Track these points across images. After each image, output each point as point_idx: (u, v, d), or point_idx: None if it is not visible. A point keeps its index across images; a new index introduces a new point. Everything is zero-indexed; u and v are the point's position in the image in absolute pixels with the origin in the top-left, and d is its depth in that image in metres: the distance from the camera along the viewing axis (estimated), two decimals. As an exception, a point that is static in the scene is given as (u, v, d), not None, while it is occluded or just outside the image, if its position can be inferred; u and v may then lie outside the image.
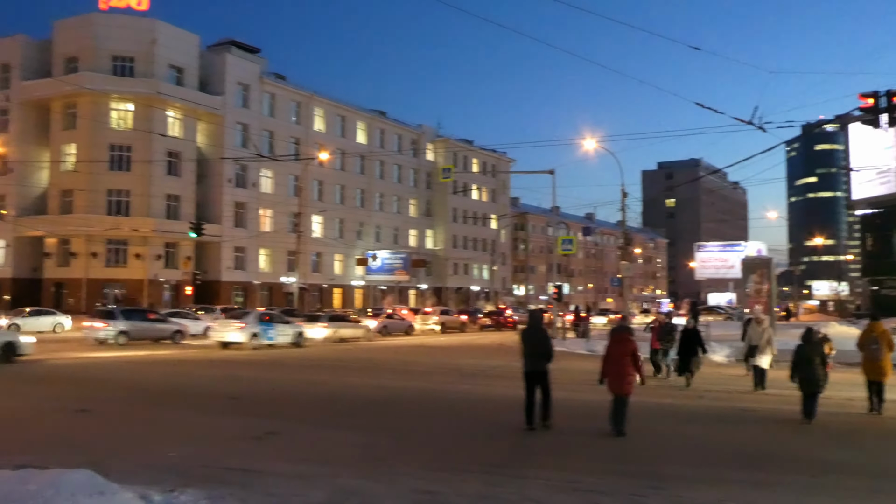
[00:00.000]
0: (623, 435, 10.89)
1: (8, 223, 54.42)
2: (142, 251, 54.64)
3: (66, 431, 10.89)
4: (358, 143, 74.08)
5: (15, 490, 6.31)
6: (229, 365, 22.35)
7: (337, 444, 10.22)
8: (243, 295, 61.15)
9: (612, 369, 11.28)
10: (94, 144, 54.13)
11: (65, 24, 57.12)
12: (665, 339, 19.69)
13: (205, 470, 8.24)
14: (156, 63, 56.16)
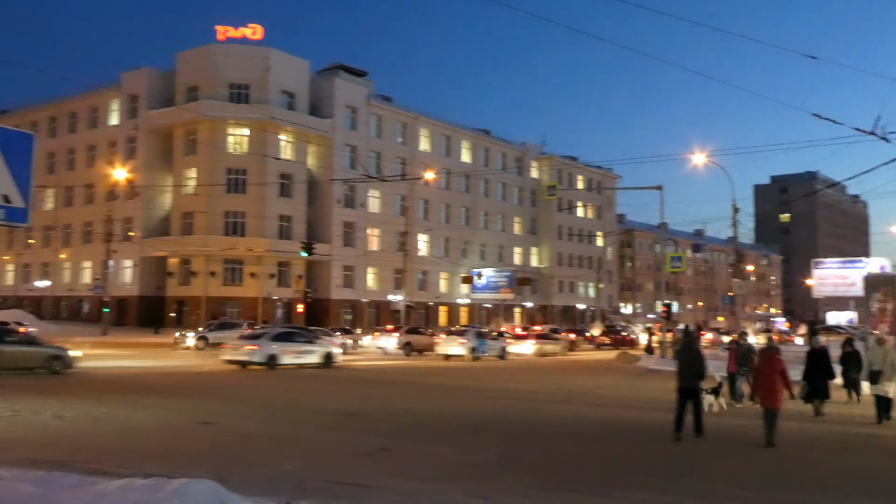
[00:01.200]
0: (773, 445, 11.75)
1: (135, 244, 57.83)
2: (256, 270, 56.79)
3: (191, 442, 11.55)
4: (463, 162, 74.93)
5: (145, 497, 6.71)
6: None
7: (447, 460, 10.42)
8: (352, 313, 62.63)
9: (763, 385, 12.55)
10: (213, 168, 56.78)
11: (186, 56, 60.34)
12: (742, 362, 18.10)
13: (318, 483, 8.56)
14: (269, 89, 58.53)
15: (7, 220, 5.74)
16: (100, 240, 54.18)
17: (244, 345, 27.71)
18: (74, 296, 63.82)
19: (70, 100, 67.01)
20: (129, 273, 60.76)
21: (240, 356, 27.15)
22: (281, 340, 28.22)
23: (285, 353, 27.61)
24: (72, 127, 67.48)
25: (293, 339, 29.15)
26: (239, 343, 28.25)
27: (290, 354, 27.73)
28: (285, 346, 27.86)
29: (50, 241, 66.42)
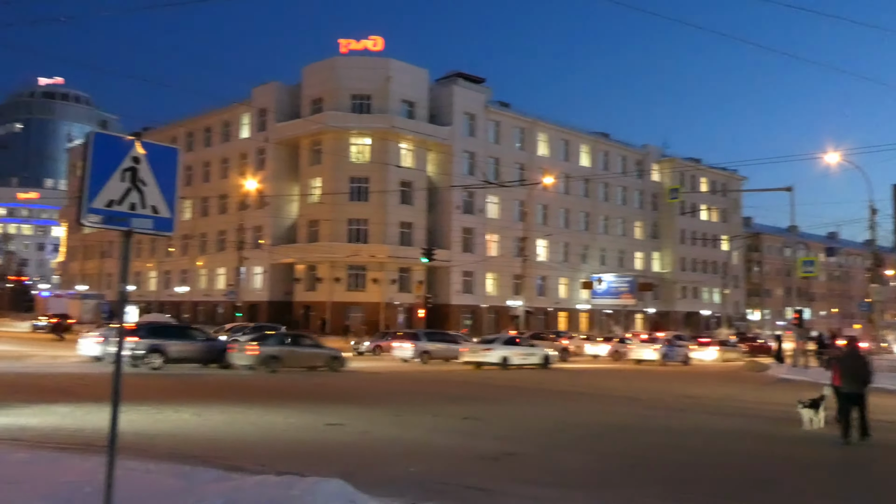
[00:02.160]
0: None
1: (265, 252, 60.38)
2: (378, 276, 58.05)
3: (324, 443, 11.97)
4: (582, 167, 74.19)
5: (280, 494, 7.03)
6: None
7: (573, 469, 10.40)
8: (472, 318, 63.06)
9: None
10: (337, 177, 58.49)
11: (311, 69, 62.52)
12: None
13: (443, 486, 8.67)
14: (390, 99, 59.79)
15: (155, 229, 6.20)
16: (233, 248, 56.85)
17: (481, 349, 33.26)
18: (210, 300, 67.12)
19: (205, 116, 70.88)
20: (259, 279, 63.34)
21: (478, 358, 32.52)
22: (510, 345, 34.02)
23: (515, 355, 33.03)
24: (207, 141, 71.16)
25: (519, 343, 35.02)
26: (477, 347, 33.85)
27: (518, 356, 33.13)
28: (514, 350, 33.46)
29: (188, 250, 70.23)
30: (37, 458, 8.57)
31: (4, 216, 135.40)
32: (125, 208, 5.95)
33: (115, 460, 5.98)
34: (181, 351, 26.52)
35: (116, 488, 5.89)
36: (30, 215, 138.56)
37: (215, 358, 26.93)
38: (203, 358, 26.93)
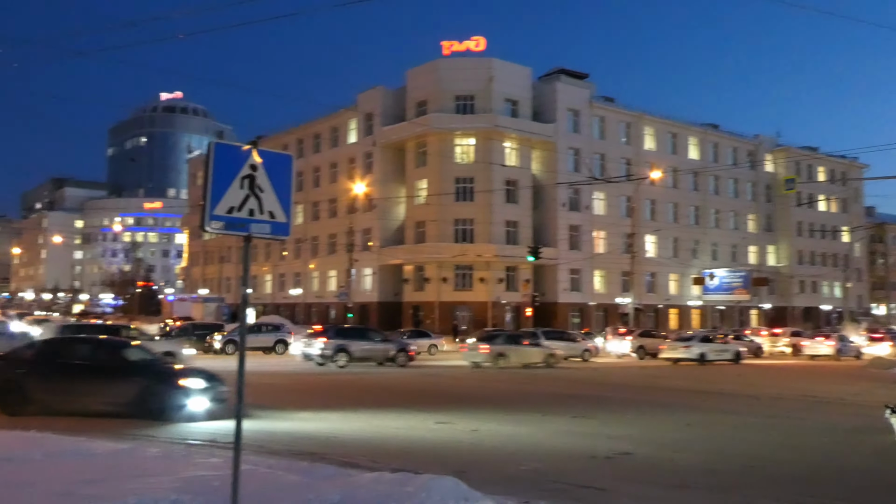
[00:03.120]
0: None
1: (373, 253, 61.54)
2: (485, 275, 58.18)
3: (430, 441, 12.24)
4: (690, 159, 72.24)
5: (394, 491, 7.21)
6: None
7: (690, 470, 10.19)
8: (580, 316, 62.41)
9: None
10: (442, 178, 58.97)
11: (415, 73, 63.29)
12: None
13: (555, 485, 8.68)
14: (493, 98, 59.82)
15: (273, 233, 6.47)
16: (343, 250, 58.13)
17: (681, 346, 36.48)
18: (322, 302, 68.89)
19: (314, 123, 72.88)
20: (369, 280, 64.55)
21: (677, 354, 35.91)
22: (706, 342, 36.99)
23: (711, 351, 36.07)
24: (316, 147, 73.07)
25: (714, 340, 38.33)
26: (676, 344, 37.05)
27: (714, 352, 36.13)
28: (710, 346, 36.49)
29: (301, 253, 72.35)
30: (170, 453, 9.06)
31: (132, 225, 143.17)
32: (244, 214, 6.24)
33: (240, 456, 6.27)
34: (363, 351, 29.36)
35: (241, 482, 6.18)
36: (155, 224, 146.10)
37: (391, 357, 29.73)
38: (380, 357, 29.66)
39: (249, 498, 6.28)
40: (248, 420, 13.21)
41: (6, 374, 13.69)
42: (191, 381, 13.54)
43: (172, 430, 12.24)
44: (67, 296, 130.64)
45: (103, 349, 14.71)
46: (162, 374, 13.94)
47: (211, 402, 13.48)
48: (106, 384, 13.47)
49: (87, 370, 13.72)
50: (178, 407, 13.16)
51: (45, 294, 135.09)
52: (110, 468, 7.92)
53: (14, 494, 6.68)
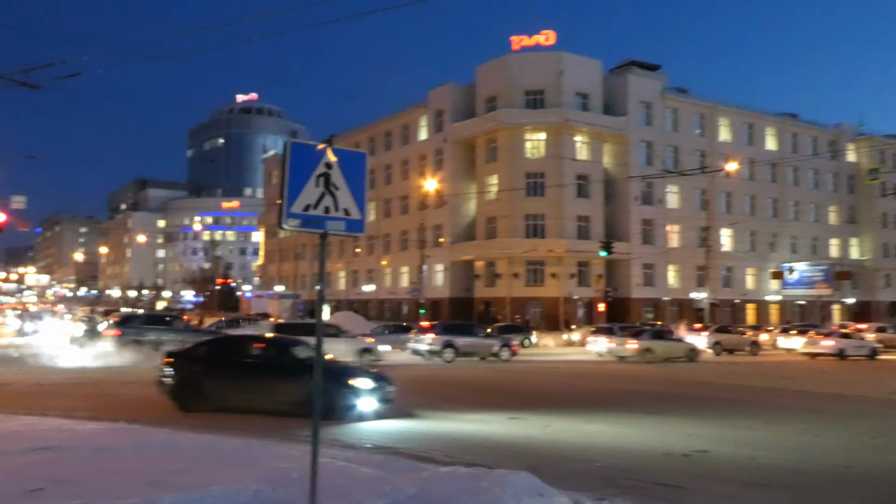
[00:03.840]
0: None
1: (445, 249, 61.86)
2: (557, 270, 57.82)
3: (506, 434, 12.27)
4: (767, 150, 70.28)
5: (470, 485, 7.28)
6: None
7: (771, 468, 9.97)
8: (653, 311, 61.49)
9: None
10: (513, 174, 58.80)
11: (485, 69, 63.25)
12: None
13: (630, 482, 8.61)
14: (563, 92, 59.35)
15: (348, 230, 6.59)
16: (415, 247, 58.62)
17: (820, 341, 37.19)
18: (395, 298, 69.54)
19: (385, 120, 73.53)
20: (440, 276, 64.87)
21: (816, 349, 36.71)
22: (845, 338, 37.81)
23: (850, 346, 36.68)
24: (388, 145, 73.73)
25: (852, 336, 39.05)
26: (815, 339, 37.75)
27: (852, 347, 36.73)
28: (849, 342, 37.24)
29: (373, 250, 73.15)
30: (249, 446, 9.32)
31: (211, 224, 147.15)
32: (320, 212, 6.38)
33: (318, 449, 6.42)
34: (468, 346, 30.21)
35: (319, 475, 6.33)
36: (232, 223, 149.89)
37: (495, 353, 30.48)
38: (485, 352, 30.50)
39: (327, 490, 6.42)
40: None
41: (183, 371, 14.02)
42: (360, 380, 13.48)
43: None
44: (151, 293, 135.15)
45: (273, 347, 14.88)
46: (331, 373, 13.50)
47: (379, 402, 13.43)
48: (276, 382, 13.53)
49: (258, 368, 13.95)
50: (348, 407, 13.11)
51: (130, 291, 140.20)
52: (195, 459, 8.19)
53: (107, 482, 6.99)
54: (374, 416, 13.20)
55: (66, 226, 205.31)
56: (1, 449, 8.51)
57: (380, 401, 13.45)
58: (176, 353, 15.12)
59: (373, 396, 13.38)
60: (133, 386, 17.48)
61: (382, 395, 13.55)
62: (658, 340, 32.95)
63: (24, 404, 13.88)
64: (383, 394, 13.58)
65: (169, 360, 14.58)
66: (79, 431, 9.92)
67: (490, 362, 29.79)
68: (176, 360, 14.61)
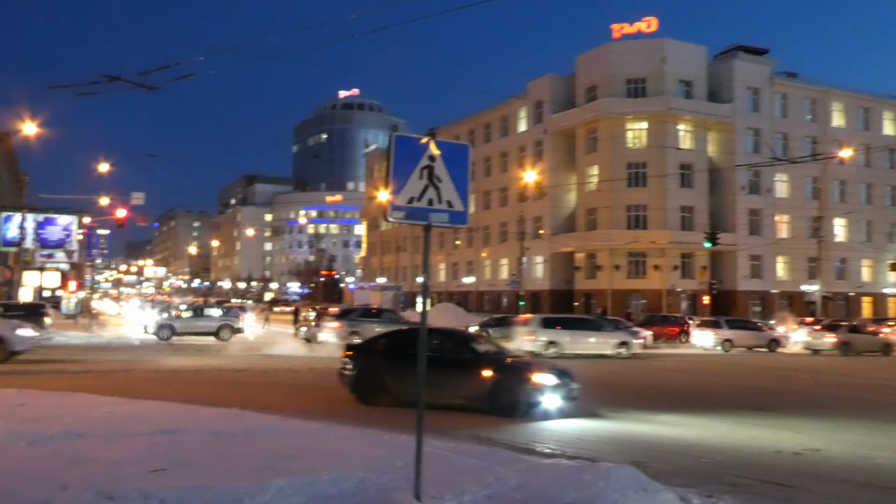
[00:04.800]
0: None
1: (544, 241, 61.60)
2: (659, 262, 56.72)
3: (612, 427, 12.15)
4: (885, 135, 66.56)
5: (573, 478, 7.27)
6: None
7: (891, 470, 9.54)
8: (760, 304, 59.47)
9: None
10: (613, 164, 57.96)
11: (585, 58, 62.52)
12: None
13: (738, 479, 8.37)
14: (665, 80, 58.06)
15: (451, 222, 6.66)
16: (514, 238, 58.58)
17: None
18: (494, 290, 69.69)
19: (484, 113, 73.74)
20: (540, 268, 64.66)
21: None
22: None
23: None
24: (487, 137, 73.84)
25: None
26: None
27: None
28: None
29: (473, 242, 73.53)
30: (355, 434, 9.55)
31: (315, 218, 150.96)
32: (424, 204, 6.48)
33: (423, 439, 6.53)
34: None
35: (423, 464, 6.44)
36: (336, 216, 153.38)
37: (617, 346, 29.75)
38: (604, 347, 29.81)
39: (431, 479, 6.51)
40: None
41: (363, 364, 13.82)
42: (543, 376, 12.89)
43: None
44: (259, 284, 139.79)
45: (452, 341, 14.48)
46: (513, 368, 13.31)
47: (562, 399, 12.80)
48: (456, 377, 13.13)
49: (438, 362, 12.75)
50: (531, 404, 12.56)
51: (239, 283, 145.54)
52: (303, 446, 8.45)
53: (222, 465, 7.30)
54: (559, 415, 12.55)
55: (181, 220, 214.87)
56: (128, 431, 9.01)
57: (564, 398, 12.80)
58: (356, 346, 15.07)
59: (556, 393, 12.73)
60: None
61: (566, 392, 12.91)
62: (856, 334, 34.52)
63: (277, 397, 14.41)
64: (567, 391, 12.93)
65: (349, 353, 14.54)
66: (195, 415, 10.39)
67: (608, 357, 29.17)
68: (356, 352, 14.54)
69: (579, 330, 29.18)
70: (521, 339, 27.93)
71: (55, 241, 54.15)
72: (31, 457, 7.64)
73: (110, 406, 11.07)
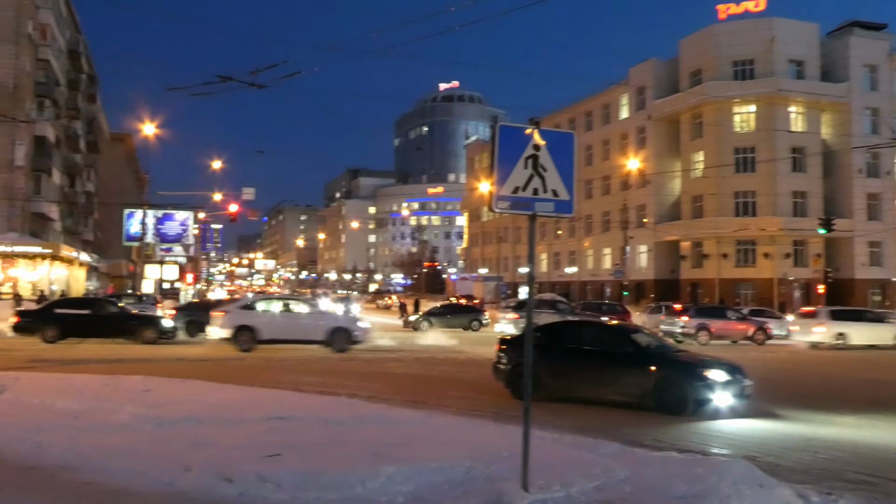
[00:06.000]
0: None
1: (648, 230, 60.45)
2: (770, 250, 54.80)
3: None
4: None
5: (684, 471, 7.14)
6: None
7: None
8: (881, 293, 56.55)
9: None
10: (720, 150, 56.29)
11: (688, 41, 60.89)
12: None
13: (860, 476, 8.02)
14: (775, 61, 55.94)
15: (556, 212, 6.61)
16: (617, 228, 57.70)
17: None
18: (597, 280, 68.91)
19: (585, 101, 72.97)
20: (644, 258, 63.58)
21: None
22: None
23: None
24: (588, 125, 72.91)
25: None
26: None
27: None
28: None
29: (574, 232, 72.96)
30: (460, 424, 9.64)
31: (417, 210, 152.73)
32: (529, 194, 6.46)
33: (530, 429, 6.53)
34: (721, 329, 29.81)
35: (530, 455, 6.44)
36: (437, 208, 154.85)
37: (750, 336, 29.90)
38: (737, 336, 30.02)
39: (538, 469, 6.50)
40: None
41: (518, 359, 12.65)
42: (714, 372, 12.04)
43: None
44: (364, 276, 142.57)
45: (611, 334, 14.06)
46: (680, 363, 12.63)
47: (734, 397, 11.92)
48: (617, 372, 12.59)
49: (596, 356, 13.06)
50: (701, 402, 11.80)
51: (345, 274, 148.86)
52: (409, 434, 8.59)
53: (333, 451, 7.51)
54: (731, 414, 11.76)
55: (289, 214, 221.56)
56: (243, 417, 9.40)
57: (735, 396, 11.94)
58: (510, 339, 14.36)
59: (728, 391, 11.88)
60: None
61: (738, 389, 12.01)
62: None
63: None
64: (739, 388, 12.03)
65: (503, 346, 13.91)
66: (306, 403, 10.71)
67: (741, 347, 28.59)
68: (509, 345, 13.79)
69: (865, 322, 29.91)
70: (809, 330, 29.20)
71: (173, 235, 56.77)
72: (157, 440, 8.08)
73: (227, 393, 11.57)
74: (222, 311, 23.12)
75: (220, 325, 22.07)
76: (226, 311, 22.98)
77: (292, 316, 22.84)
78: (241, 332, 21.56)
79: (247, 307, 23.20)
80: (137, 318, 24.73)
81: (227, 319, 22.07)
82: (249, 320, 21.90)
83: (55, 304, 26.20)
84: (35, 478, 6.79)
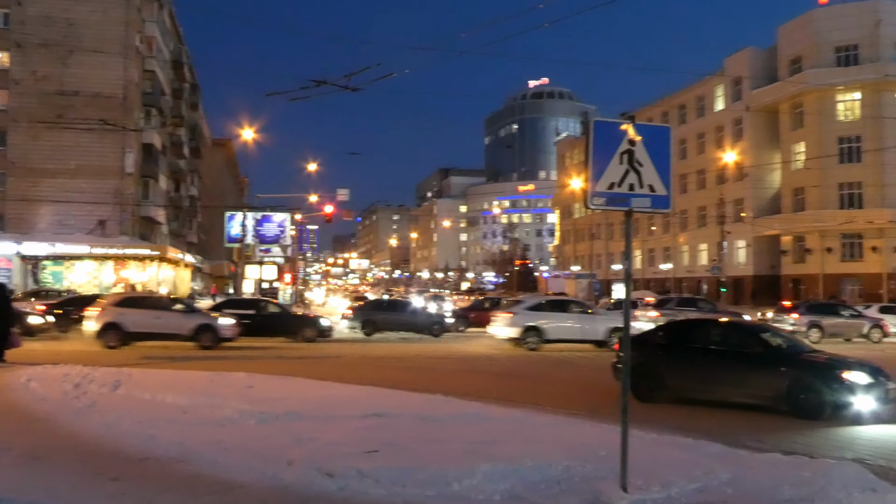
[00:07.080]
0: None
1: (747, 224, 58.65)
2: (878, 244, 52.41)
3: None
4: None
5: (790, 474, 6.96)
6: None
7: None
8: None
9: None
10: (822, 140, 54.16)
11: (787, 28, 58.78)
12: None
13: None
14: (881, 45, 53.44)
15: (653, 207, 6.50)
16: (713, 222, 56.25)
17: None
18: (693, 276, 67.36)
19: (678, 94, 71.35)
20: (742, 253, 61.83)
21: None
22: None
23: None
24: (682, 118, 71.28)
25: None
26: None
27: None
28: None
29: (669, 227, 71.49)
30: (556, 423, 9.59)
31: (508, 208, 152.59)
32: (625, 189, 6.38)
33: (628, 428, 6.45)
34: (834, 326, 29.22)
35: (628, 455, 6.36)
36: (528, 205, 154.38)
37: (863, 334, 29.38)
38: (851, 333, 29.43)
39: (636, 469, 6.43)
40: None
41: (640, 359, 12.09)
42: (854, 374, 11.32)
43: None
44: (456, 274, 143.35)
45: (739, 333, 13.54)
46: (815, 364, 11.96)
47: (876, 402, 11.09)
48: (746, 373, 12.04)
49: (724, 356, 12.59)
50: (840, 405, 11.13)
51: (437, 273, 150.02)
52: (505, 432, 8.60)
53: (430, 448, 7.60)
54: (873, 419, 10.94)
55: (381, 214, 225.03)
56: (342, 413, 9.61)
57: (878, 400, 11.11)
58: (631, 338, 14.23)
59: (869, 394, 11.09)
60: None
61: (881, 392, 11.19)
62: None
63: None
64: (882, 391, 11.20)
65: None
66: (402, 400, 10.86)
67: (857, 344, 27.60)
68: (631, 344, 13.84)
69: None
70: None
71: (271, 236, 58.39)
72: (260, 435, 8.36)
73: (325, 389, 11.85)
74: (510, 312, 24.57)
75: (506, 324, 23.64)
76: (513, 312, 24.34)
77: (573, 317, 24.11)
78: (528, 333, 23.10)
79: (533, 308, 24.43)
80: (298, 318, 26.34)
81: (514, 320, 23.60)
82: (536, 321, 23.36)
83: (222, 304, 27.21)
84: (150, 468, 7.15)
